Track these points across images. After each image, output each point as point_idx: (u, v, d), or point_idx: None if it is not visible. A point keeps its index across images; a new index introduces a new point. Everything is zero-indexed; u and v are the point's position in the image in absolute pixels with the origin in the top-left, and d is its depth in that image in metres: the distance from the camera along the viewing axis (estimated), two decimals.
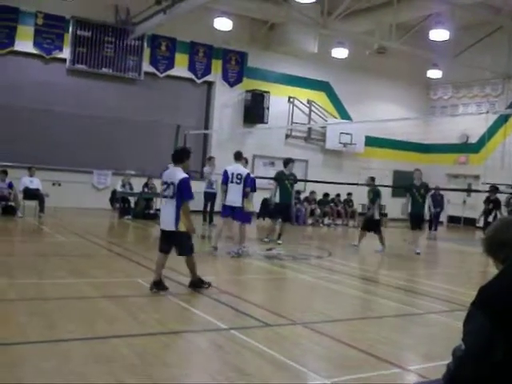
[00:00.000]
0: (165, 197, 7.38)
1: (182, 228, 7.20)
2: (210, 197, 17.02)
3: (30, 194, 16.05)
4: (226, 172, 11.34)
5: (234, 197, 11.12)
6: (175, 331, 5.63)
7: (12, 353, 4.70)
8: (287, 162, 13.78)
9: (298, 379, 4.56)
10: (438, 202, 21.29)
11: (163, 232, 7.42)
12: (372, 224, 14.03)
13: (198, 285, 7.52)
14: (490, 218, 16.37)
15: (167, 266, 9.03)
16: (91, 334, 5.36)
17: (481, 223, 17.49)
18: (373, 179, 14.59)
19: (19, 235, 13.55)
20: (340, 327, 6.34)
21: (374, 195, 14.10)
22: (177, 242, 7.33)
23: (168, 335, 5.50)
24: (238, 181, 11.15)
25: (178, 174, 7.25)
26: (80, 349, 4.93)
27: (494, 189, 17.56)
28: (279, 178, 13.62)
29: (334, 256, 12.58)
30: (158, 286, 7.21)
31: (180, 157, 7.44)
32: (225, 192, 11.29)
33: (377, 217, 14.13)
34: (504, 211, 17.20)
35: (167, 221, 7.28)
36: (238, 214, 11.21)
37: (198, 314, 6.37)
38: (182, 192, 7.15)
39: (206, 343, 5.45)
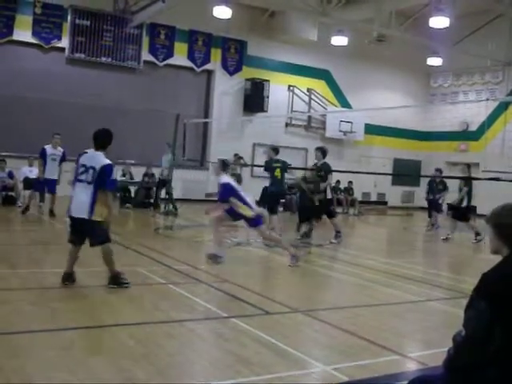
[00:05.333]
0: (80, 181, 6.63)
1: (97, 217, 6.55)
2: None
3: (30, 183, 16.03)
4: None
5: None
6: (176, 320, 5.65)
7: (14, 342, 4.71)
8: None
9: (299, 366, 4.58)
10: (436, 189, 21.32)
11: (74, 220, 6.69)
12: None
13: (117, 281, 6.70)
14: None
15: (166, 253, 9.06)
16: (93, 323, 5.37)
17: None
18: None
19: (20, 225, 13.56)
20: (340, 315, 6.36)
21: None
22: (89, 231, 6.61)
23: (169, 324, 5.52)
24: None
25: (101, 159, 6.64)
26: (82, 338, 4.95)
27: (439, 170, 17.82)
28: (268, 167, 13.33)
29: (335, 244, 12.58)
30: (68, 278, 6.72)
31: (102, 141, 6.78)
32: None
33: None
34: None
35: (80, 207, 6.56)
36: None
37: (198, 302, 6.39)
38: (105, 180, 6.56)
39: (207, 332, 5.47)
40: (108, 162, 6.67)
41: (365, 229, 13.87)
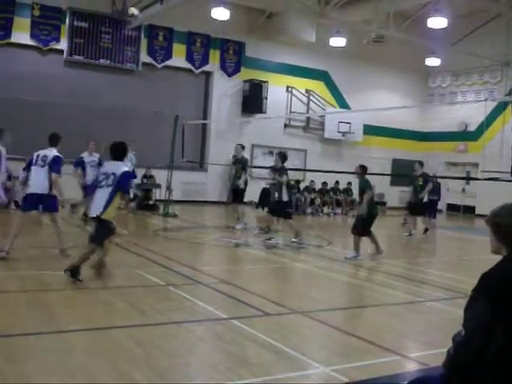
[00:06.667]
0: (101, 187, 7.36)
1: (106, 216, 7.25)
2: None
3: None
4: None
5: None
6: (176, 321, 5.64)
7: (13, 345, 4.70)
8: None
9: (299, 367, 4.58)
10: (435, 190, 21.28)
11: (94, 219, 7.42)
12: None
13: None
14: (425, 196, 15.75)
15: (165, 255, 9.06)
16: (92, 325, 5.37)
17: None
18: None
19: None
20: (340, 315, 6.36)
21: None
22: (96, 228, 7.37)
23: (169, 325, 5.52)
24: (42, 163, 9.12)
25: (121, 166, 7.51)
26: (81, 340, 4.94)
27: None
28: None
29: (334, 245, 12.58)
30: (75, 272, 7.00)
31: (124, 152, 7.86)
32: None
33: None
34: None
35: (97, 207, 7.32)
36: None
37: (198, 303, 6.38)
38: (123, 184, 7.40)
39: (206, 333, 5.46)
40: (127, 169, 7.75)
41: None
